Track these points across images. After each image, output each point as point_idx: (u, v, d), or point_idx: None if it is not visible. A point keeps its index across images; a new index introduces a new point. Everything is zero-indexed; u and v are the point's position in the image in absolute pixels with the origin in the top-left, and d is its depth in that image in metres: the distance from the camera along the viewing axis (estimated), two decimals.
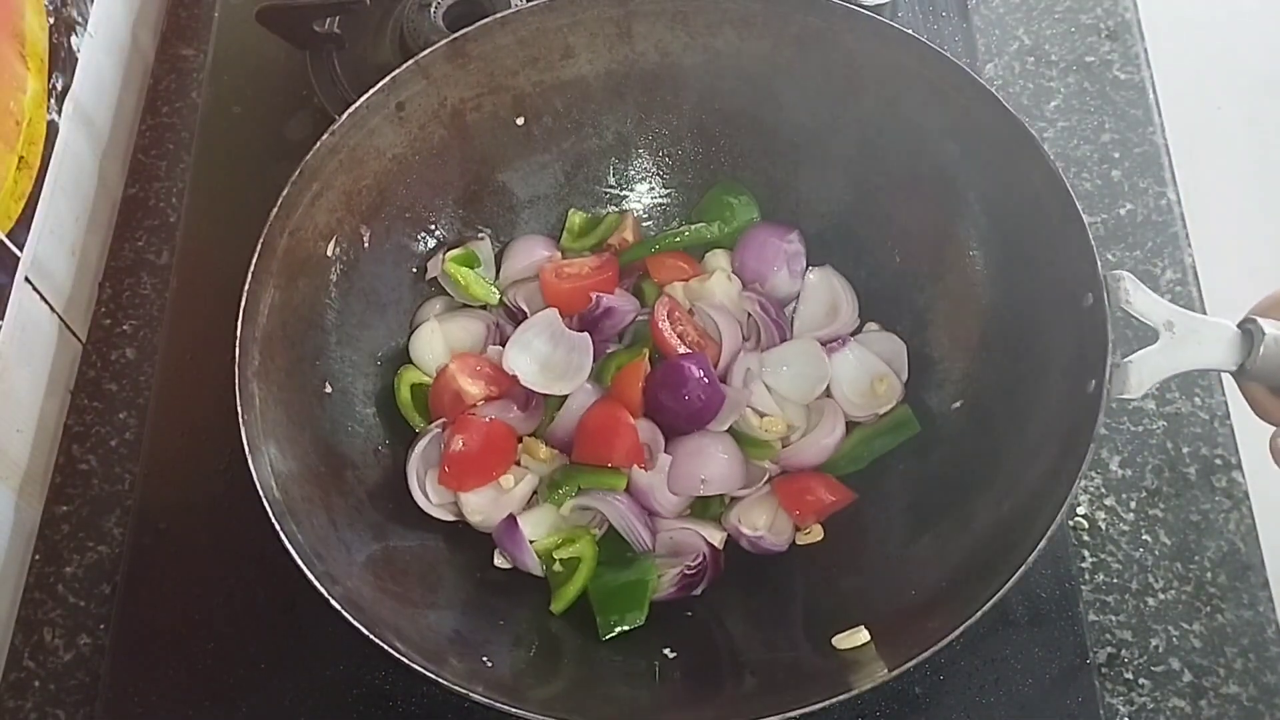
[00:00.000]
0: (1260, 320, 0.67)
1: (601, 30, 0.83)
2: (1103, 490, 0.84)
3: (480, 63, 0.81)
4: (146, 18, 1.06)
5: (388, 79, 0.78)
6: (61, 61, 0.89)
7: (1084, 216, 0.70)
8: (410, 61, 0.78)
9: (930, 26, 1.01)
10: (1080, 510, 0.83)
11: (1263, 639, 0.78)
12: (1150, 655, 0.78)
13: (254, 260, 0.71)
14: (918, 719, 0.75)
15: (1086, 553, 0.81)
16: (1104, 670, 0.77)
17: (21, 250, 0.82)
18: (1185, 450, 0.85)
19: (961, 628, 0.62)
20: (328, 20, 0.96)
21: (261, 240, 0.72)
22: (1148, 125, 0.98)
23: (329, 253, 0.78)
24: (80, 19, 0.93)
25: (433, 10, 0.94)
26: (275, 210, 0.73)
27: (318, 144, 0.75)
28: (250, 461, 0.66)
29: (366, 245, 0.81)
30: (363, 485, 0.77)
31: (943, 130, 0.79)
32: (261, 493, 0.65)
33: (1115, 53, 1.02)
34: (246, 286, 0.70)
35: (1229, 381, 0.86)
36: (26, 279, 0.83)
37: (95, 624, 0.81)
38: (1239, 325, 0.69)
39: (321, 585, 0.63)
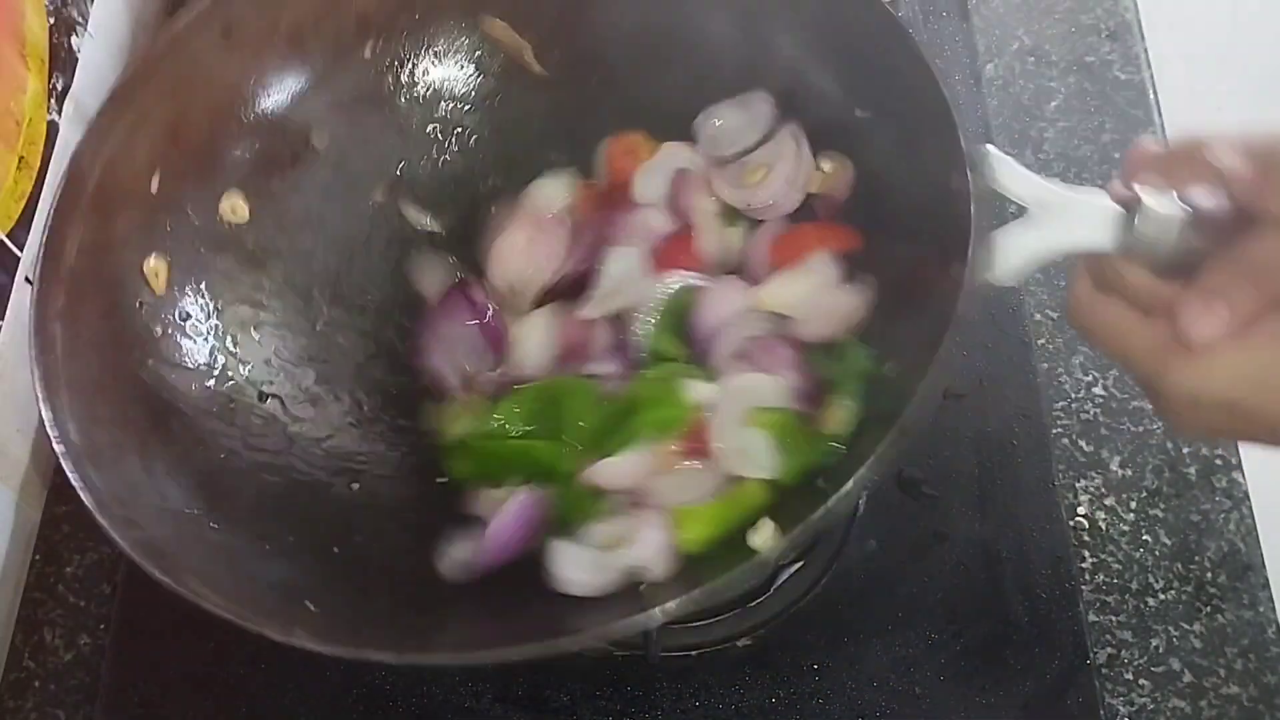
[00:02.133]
0: (1138, 188, 0.55)
1: None
2: (1103, 490, 0.84)
3: None
4: (146, 18, 1.05)
5: None
6: (61, 61, 0.89)
7: (943, 87, 0.60)
8: None
9: (930, 26, 1.01)
10: (1080, 510, 0.83)
11: (1263, 639, 0.78)
12: (1150, 656, 0.78)
13: (58, 194, 0.64)
14: (918, 719, 0.75)
15: (1086, 553, 0.81)
16: (1104, 670, 0.77)
17: (21, 250, 0.82)
18: (1185, 450, 0.85)
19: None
20: None
21: (66, 172, 0.65)
22: (1148, 125, 0.98)
23: (153, 189, 0.69)
24: (80, 19, 0.93)
25: None
26: (81, 140, 0.66)
27: (128, 67, 0.66)
28: (42, 400, 0.59)
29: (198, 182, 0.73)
30: (190, 433, 0.68)
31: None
32: (54, 435, 0.59)
33: (1115, 53, 1.02)
34: (48, 224, 0.63)
35: None
36: (27, 279, 0.83)
37: (95, 624, 0.81)
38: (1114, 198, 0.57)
39: (115, 531, 0.57)
